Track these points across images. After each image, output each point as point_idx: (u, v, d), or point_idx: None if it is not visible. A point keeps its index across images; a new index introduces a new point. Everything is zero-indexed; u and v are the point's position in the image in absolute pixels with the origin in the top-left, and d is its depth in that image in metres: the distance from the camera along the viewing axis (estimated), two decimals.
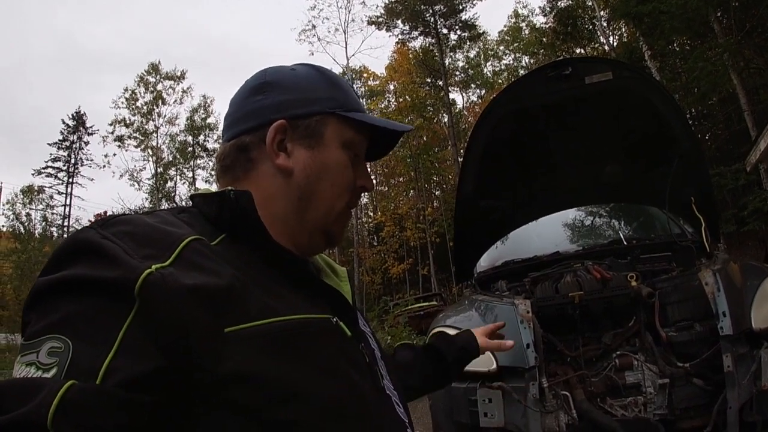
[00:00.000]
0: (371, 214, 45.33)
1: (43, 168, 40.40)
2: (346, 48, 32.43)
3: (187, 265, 0.70)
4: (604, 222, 5.03)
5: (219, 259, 0.75)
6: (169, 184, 39.80)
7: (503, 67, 41.71)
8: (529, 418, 2.84)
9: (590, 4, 26.65)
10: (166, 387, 0.64)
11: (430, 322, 4.16)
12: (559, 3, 28.48)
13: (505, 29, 40.75)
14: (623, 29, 27.12)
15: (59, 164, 40.62)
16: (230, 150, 0.94)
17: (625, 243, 4.16)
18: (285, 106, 0.93)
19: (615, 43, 27.07)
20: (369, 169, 1.07)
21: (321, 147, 0.94)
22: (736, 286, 2.98)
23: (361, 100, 1.05)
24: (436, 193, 41.78)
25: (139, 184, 37.75)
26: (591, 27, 27.23)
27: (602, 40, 27.58)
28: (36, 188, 40.51)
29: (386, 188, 45.08)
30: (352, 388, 0.82)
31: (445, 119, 33.79)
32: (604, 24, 26.87)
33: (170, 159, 39.19)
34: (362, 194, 1.06)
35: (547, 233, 4.67)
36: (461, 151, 34.36)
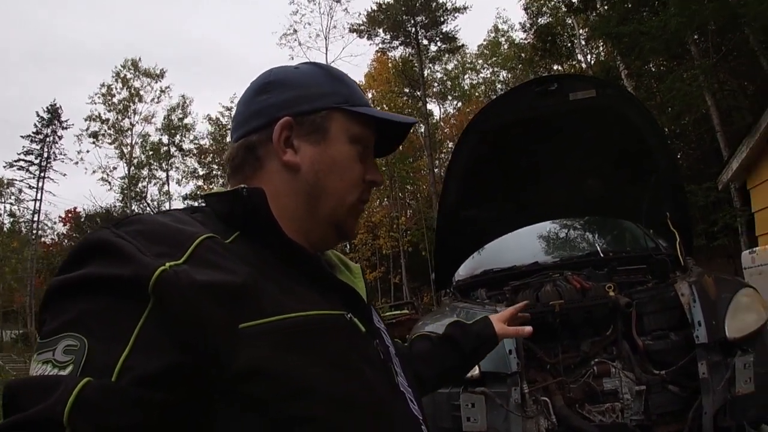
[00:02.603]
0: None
1: (15, 161, 39.29)
2: (326, 54, 32.40)
3: (200, 263, 0.71)
4: (581, 234, 5.14)
5: (233, 256, 0.76)
6: (141, 184, 39.41)
7: (481, 80, 42.05)
8: (510, 422, 2.90)
9: (570, 22, 27.06)
10: (182, 383, 0.64)
11: (403, 330, 4.20)
12: (539, 20, 28.92)
13: (485, 43, 41.09)
14: (601, 48, 27.57)
15: (31, 158, 39.56)
16: (238, 150, 0.95)
17: (601, 255, 4.27)
18: (290, 103, 0.94)
19: (592, 61, 27.51)
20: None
21: (328, 142, 0.95)
22: (711, 298, 3.10)
23: (365, 95, 1.04)
24: (411, 202, 41.87)
25: (110, 184, 37.32)
26: (570, 45, 27.59)
27: (580, 57, 28.00)
28: (6, 181, 39.52)
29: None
30: (365, 384, 0.82)
31: (422, 129, 33.94)
32: (583, 42, 27.32)
33: (143, 159, 38.78)
34: (372, 189, 1.05)
35: (526, 244, 4.74)
36: (437, 161, 34.65)
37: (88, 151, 47.57)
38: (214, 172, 40.36)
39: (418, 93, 33.33)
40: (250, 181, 0.93)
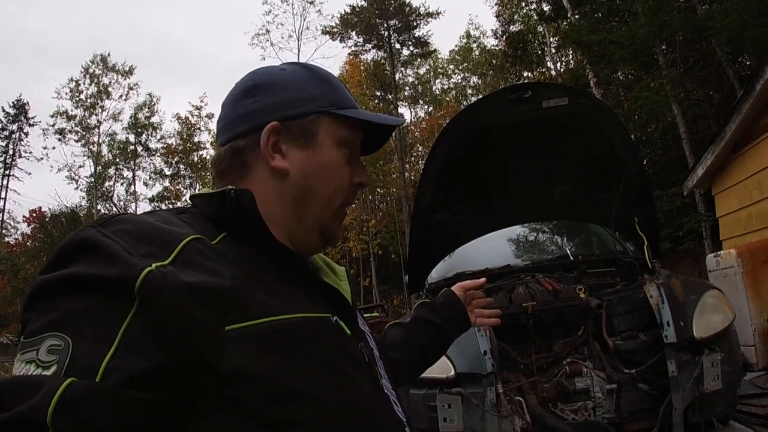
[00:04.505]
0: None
1: None
2: (298, 56, 32.13)
3: (187, 264, 0.70)
4: (552, 238, 5.23)
5: (219, 258, 0.75)
6: (108, 183, 38.70)
7: (452, 85, 42.31)
8: (486, 422, 2.96)
9: (541, 30, 27.45)
10: (167, 385, 0.64)
11: (373, 333, 4.20)
12: (511, 27, 29.22)
13: (456, 48, 41.37)
14: (571, 56, 27.93)
15: None
16: (225, 154, 0.94)
17: (571, 258, 4.36)
18: (277, 107, 0.92)
19: (562, 69, 27.87)
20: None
21: (316, 147, 0.93)
22: (679, 299, 3.21)
23: (352, 96, 1.03)
24: (381, 205, 41.87)
25: (77, 182, 36.57)
26: (540, 52, 27.90)
27: (550, 65, 28.39)
28: None
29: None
30: (352, 386, 0.82)
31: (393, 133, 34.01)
32: (553, 50, 27.69)
33: (110, 158, 38.09)
34: (358, 191, 1.04)
35: (498, 247, 4.81)
36: (407, 165, 34.73)
37: (53, 148, 46.29)
38: (181, 172, 39.82)
39: (390, 96, 33.38)
40: (237, 185, 0.92)
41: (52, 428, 0.56)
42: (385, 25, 31.80)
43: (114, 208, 37.79)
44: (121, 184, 39.28)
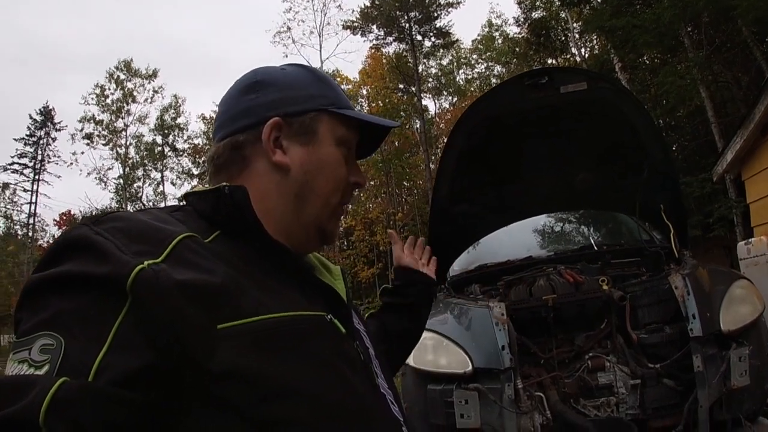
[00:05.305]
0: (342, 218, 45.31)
1: (9, 164, 38.94)
2: (320, 51, 32.58)
3: (179, 262, 0.70)
4: (575, 228, 5.13)
5: (212, 256, 0.75)
6: (137, 184, 39.39)
7: (476, 75, 42.04)
8: (504, 418, 2.89)
9: (563, 16, 27.02)
10: (159, 384, 0.63)
11: None
12: (533, 14, 28.88)
13: (479, 38, 41.08)
14: (595, 41, 27.57)
15: (25, 160, 39.24)
16: (223, 149, 0.94)
17: (595, 248, 4.26)
18: (278, 104, 0.94)
19: (587, 55, 27.51)
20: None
21: (316, 144, 0.95)
22: (705, 290, 3.08)
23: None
24: (407, 198, 41.89)
25: (105, 184, 37.31)
26: (563, 38, 27.53)
27: (574, 51, 27.98)
28: (1, 185, 39.25)
29: (357, 192, 45.01)
30: (346, 386, 0.81)
31: (417, 125, 33.96)
32: (577, 36, 27.29)
33: (137, 159, 38.77)
34: (355, 191, 1.06)
35: (520, 238, 4.74)
36: (432, 157, 34.66)
37: (82, 153, 47.64)
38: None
39: (413, 89, 33.30)
40: (235, 180, 0.92)
41: (44, 428, 0.56)
42: (406, 17, 31.67)
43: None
44: (149, 184, 39.98)
